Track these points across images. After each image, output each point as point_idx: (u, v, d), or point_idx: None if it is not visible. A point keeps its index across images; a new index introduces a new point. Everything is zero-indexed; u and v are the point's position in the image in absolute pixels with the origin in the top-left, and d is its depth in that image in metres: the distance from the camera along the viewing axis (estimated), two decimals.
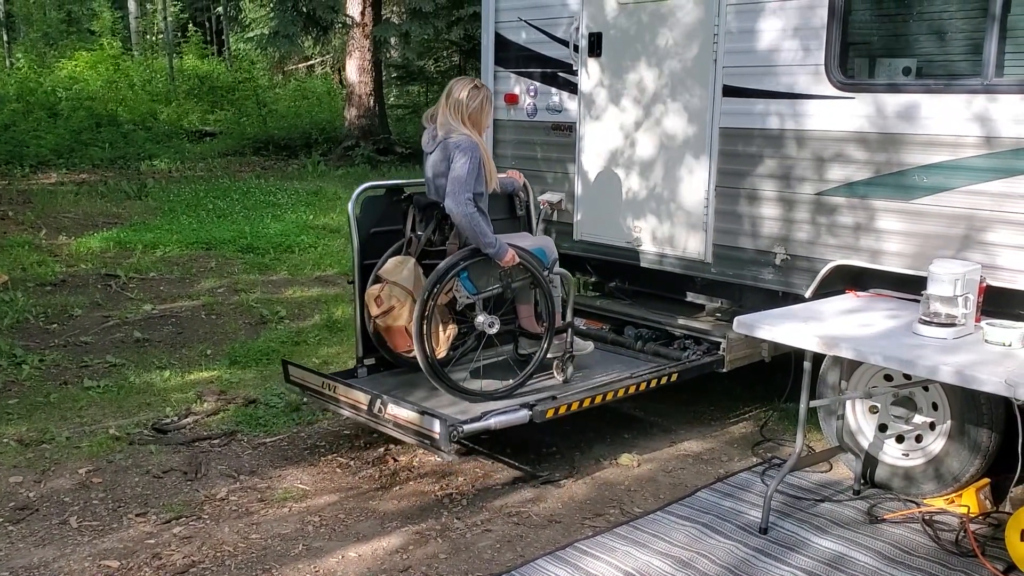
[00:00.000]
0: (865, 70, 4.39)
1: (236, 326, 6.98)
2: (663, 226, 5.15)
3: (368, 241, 4.75)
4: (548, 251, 4.78)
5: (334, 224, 10.79)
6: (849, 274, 4.52)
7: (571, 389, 4.62)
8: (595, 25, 5.30)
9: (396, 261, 4.61)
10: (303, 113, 19.17)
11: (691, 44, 4.90)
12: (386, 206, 4.84)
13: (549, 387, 4.65)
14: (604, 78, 5.30)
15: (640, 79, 5.14)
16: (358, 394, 4.44)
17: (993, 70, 3.86)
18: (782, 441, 4.86)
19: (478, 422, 4.19)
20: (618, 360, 5.12)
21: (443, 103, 4.54)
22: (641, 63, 5.12)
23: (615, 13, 5.20)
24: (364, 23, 15.69)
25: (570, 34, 5.38)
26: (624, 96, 5.23)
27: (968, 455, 3.98)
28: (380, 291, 4.55)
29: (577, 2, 5.35)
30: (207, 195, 12.30)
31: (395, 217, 4.79)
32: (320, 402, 4.74)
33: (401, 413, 4.20)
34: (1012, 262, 3.90)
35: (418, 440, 4.20)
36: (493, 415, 4.25)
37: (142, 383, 5.70)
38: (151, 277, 8.26)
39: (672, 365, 4.87)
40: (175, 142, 16.96)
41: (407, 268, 4.54)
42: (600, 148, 5.39)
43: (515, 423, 4.30)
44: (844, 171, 4.39)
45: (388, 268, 4.59)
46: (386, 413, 4.26)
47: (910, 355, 3.45)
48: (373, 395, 4.35)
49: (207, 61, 23.38)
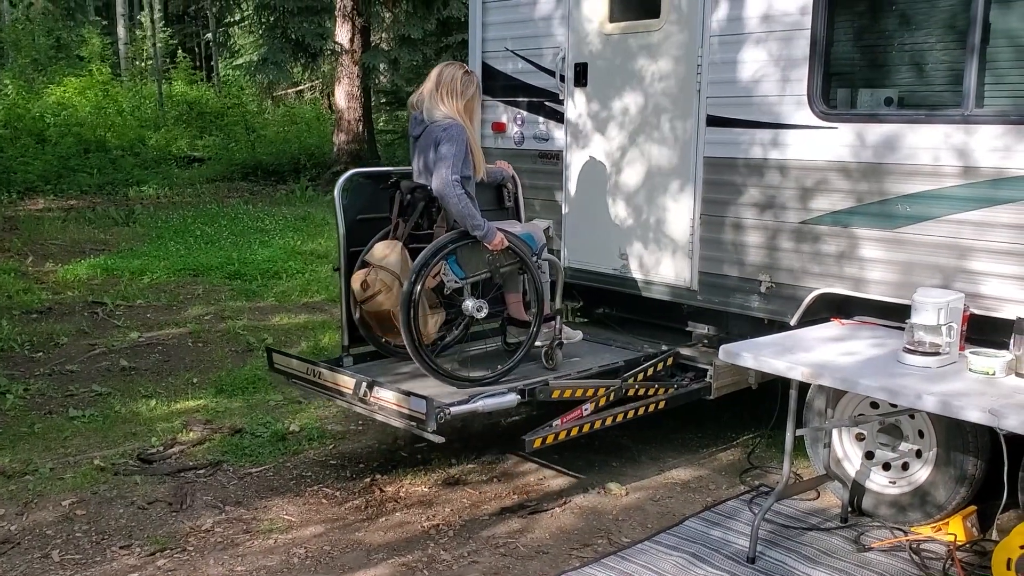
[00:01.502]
0: (847, 100, 4.43)
1: (223, 354, 6.95)
2: (650, 253, 5.17)
3: (354, 228, 4.76)
4: (536, 237, 4.80)
5: (322, 250, 10.79)
6: (833, 302, 4.54)
7: (561, 372, 4.67)
8: (581, 56, 5.34)
9: (383, 246, 4.59)
10: (292, 139, 19.21)
11: (675, 74, 4.94)
12: (372, 193, 4.86)
13: (538, 374, 4.64)
14: (590, 107, 5.34)
15: (626, 108, 5.18)
16: (344, 378, 4.44)
17: (973, 101, 3.91)
18: (770, 468, 4.86)
19: (465, 404, 4.20)
20: (606, 349, 5.17)
21: (431, 87, 4.52)
22: (627, 93, 5.16)
23: (600, 44, 5.25)
24: (353, 50, 15.78)
25: (556, 64, 5.42)
26: (610, 125, 5.27)
27: (954, 483, 3.99)
28: (366, 275, 4.51)
29: (563, 33, 5.40)
30: (195, 221, 12.30)
31: (381, 204, 4.79)
32: (305, 389, 4.74)
33: (387, 395, 4.19)
34: (994, 290, 3.93)
35: (404, 422, 4.17)
36: (481, 398, 4.26)
37: (128, 412, 5.67)
38: (138, 304, 8.24)
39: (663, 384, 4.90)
40: (163, 168, 16.97)
41: (394, 252, 4.51)
42: (587, 176, 5.42)
43: (504, 407, 4.33)
44: (827, 200, 4.42)
45: (375, 253, 4.57)
46: (371, 397, 4.26)
47: (895, 384, 3.46)
48: (359, 379, 4.35)
49: (196, 87, 23.42)
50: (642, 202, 5.17)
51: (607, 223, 5.34)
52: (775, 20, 4.49)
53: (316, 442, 5.25)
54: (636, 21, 5.10)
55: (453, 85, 4.51)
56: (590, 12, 5.26)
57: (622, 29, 5.16)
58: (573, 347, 5.01)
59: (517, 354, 4.62)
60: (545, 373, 4.69)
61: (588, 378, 4.70)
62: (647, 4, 5.04)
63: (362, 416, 5.67)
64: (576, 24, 5.33)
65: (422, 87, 4.62)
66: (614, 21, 5.20)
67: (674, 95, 4.96)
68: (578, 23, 5.33)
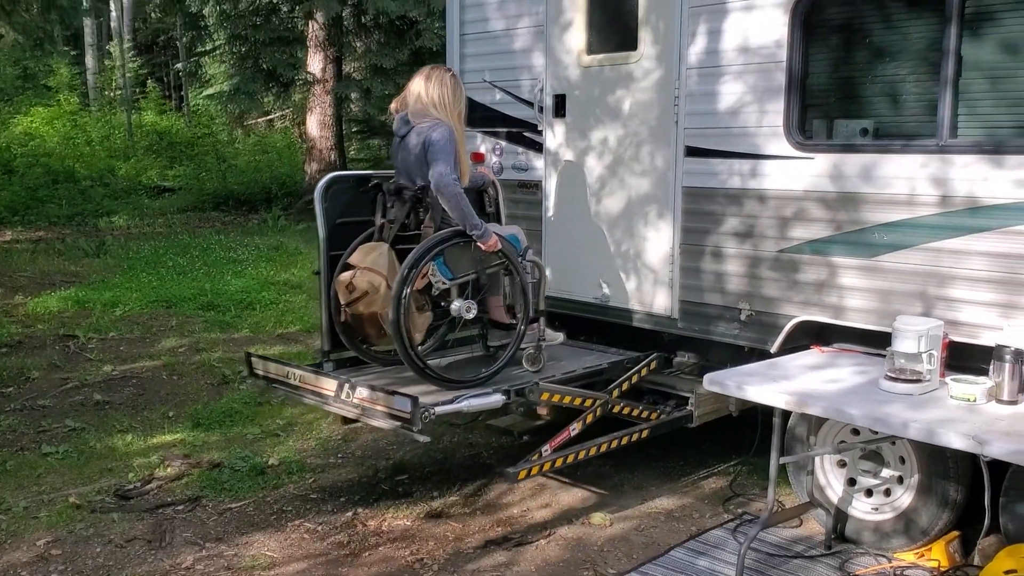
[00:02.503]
0: (823, 131, 4.49)
1: (198, 387, 6.88)
2: (631, 282, 5.20)
3: (335, 231, 4.75)
4: (521, 238, 4.81)
5: (295, 280, 10.72)
6: (813, 329, 4.58)
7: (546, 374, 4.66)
8: (559, 87, 5.39)
9: (367, 247, 4.56)
10: (263, 168, 19.10)
11: (653, 105, 4.99)
12: (352, 197, 4.86)
13: (521, 377, 4.65)
14: (569, 138, 5.38)
15: (605, 139, 5.22)
16: (325, 380, 4.42)
17: (947, 131, 3.99)
18: (752, 496, 4.87)
19: (450, 404, 4.19)
20: (587, 352, 5.20)
21: (420, 89, 4.50)
22: (605, 123, 5.21)
23: (579, 75, 5.30)
24: (325, 79, 15.78)
25: (535, 95, 5.46)
26: (589, 155, 5.30)
27: (936, 508, 4.02)
28: (352, 278, 4.45)
29: (541, 65, 5.44)
30: (167, 252, 12.18)
31: (361, 208, 4.79)
32: (285, 393, 4.71)
33: (371, 396, 4.17)
34: (972, 317, 3.99)
35: (389, 422, 4.14)
36: (465, 398, 4.26)
37: (103, 448, 5.59)
38: (111, 337, 8.13)
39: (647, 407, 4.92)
40: (134, 198, 16.81)
41: (380, 253, 4.48)
42: (567, 206, 5.45)
43: (488, 407, 4.34)
44: (805, 229, 4.48)
45: (359, 255, 4.53)
46: (354, 397, 4.24)
47: (880, 412, 3.50)
48: (341, 380, 4.33)
49: (166, 116, 23.30)
50: (622, 232, 5.20)
51: (587, 252, 5.37)
52: (751, 53, 4.56)
53: (296, 475, 5.20)
54: (614, 53, 5.15)
55: (443, 88, 4.50)
56: (568, 44, 5.31)
57: (600, 61, 5.21)
58: (554, 349, 5.03)
59: (506, 354, 4.61)
60: (527, 375, 4.69)
61: (574, 380, 4.73)
62: (624, 37, 5.10)
63: (341, 448, 5.66)
64: (554, 56, 5.38)
65: (407, 89, 4.61)
66: (592, 53, 5.25)
67: (652, 126, 5.01)
68: (556, 55, 5.37)
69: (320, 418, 6.13)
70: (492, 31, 5.69)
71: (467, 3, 5.82)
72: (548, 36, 5.39)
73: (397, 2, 13.88)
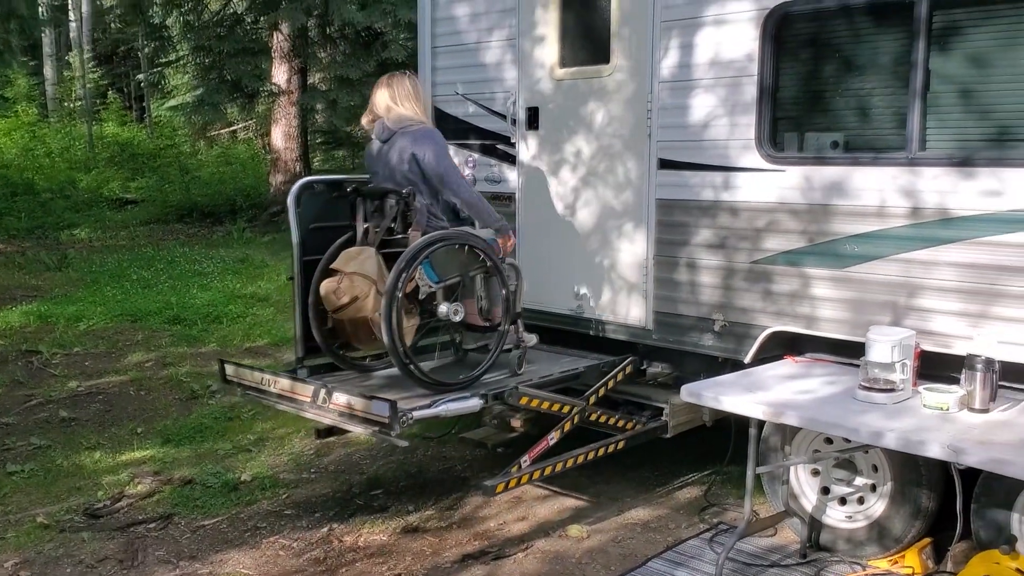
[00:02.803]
0: (795, 144, 4.55)
1: (167, 402, 6.79)
2: (605, 294, 5.22)
3: (307, 237, 4.74)
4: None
5: (262, 292, 10.63)
6: (786, 339, 4.63)
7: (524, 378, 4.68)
8: (532, 100, 5.40)
9: (352, 252, 4.53)
10: (227, 179, 18.92)
11: (626, 118, 5.03)
12: (325, 202, 4.86)
13: (500, 381, 4.64)
14: (542, 150, 5.40)
15: (578, 151, 5.25)
16: (301, 386, 4.39)
17: (917, 144, 4.06)
18: (727, 506, 4.90)
19: (428, 408, 4.18)
20: (563, 356, 5.23)
21: (387, 98, 4.69)
22: (579, 136, 5.23)
23: (551, 88, 5.32)
24: (290, 91, 15.69)
25: (508, 108, 5.47)
26: (563, 168, 5.32)
27: (910, 516, 4.08)
28: (339, 283, 4.42)
29: (513, 78, 5.46)
30: (131, 265, 12.03)
31: (335, 213, 4.79)
32: (259, 400, 4.67)
33: (348, 401, 4.14)
34: (943, 327, 4.05)
35: (366, 427, 4.13)
36: (443, 402, 4.25)
37: (71, 465, 5.49)
38: (75, 352, 8.00)
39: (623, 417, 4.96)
40: (96, 211, 16.58)
41: (368, 258, 4.46)
42: (540, 218, 5.46)
43: (466, 411, 4.36)
44: (778, 240, 4.53)
45: (343, 260, 4.50)
46: (331, 403, 4.21)
47: (856, 422, 3.54)
48: (317, 385, 4.30)
49: (127, 128, 23.02)
50: (596, 243, 5.23)
51: (561, 264, 5.38)
52: (723, 66, 4.61)
53: (269, 491, 5.15)
54: (586, 67, 5.18)
55: (410, 90, 4.73)
56: (541, 58, 5.34)
57: (572, 74, 5.24)
58: (529, 354, 5.04)
59: (491, 355, 4.62)
60: (504, 380, 4.68)
61: (552, 383, 4.74)
62: (597, 50, 5.13)
63: (314, 463, 5.62)
64: (527, 69, 5.40)
65: (374, 101, 4.77)
66: (565, 66, 5.28)
67: (626, 138, 5.04)
68: (529, 68, 5.39)
69: (292, 432, 6.08)
70: (464, 44, 5.70)
71: (438, 16, 5.83)
72: (520, 49, 5.41)
73: (363, 13, 13.84)
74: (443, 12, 5.79)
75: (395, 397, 4.19)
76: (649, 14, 4.85)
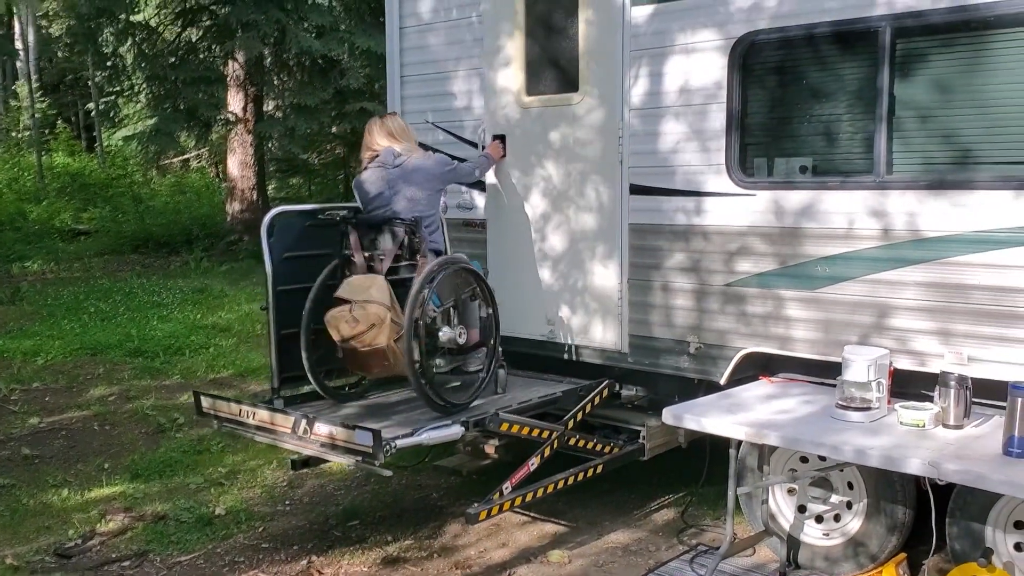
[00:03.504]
0: (764, 169, 4.65)
1: (133, 436, 6.68)
2: (579, 318, 5.25)
3: (280, 266, 4.74)
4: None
5: (224, 323, 10.51)
6: (760, 360, 4.70)
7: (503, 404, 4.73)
8: (500, 127, 5.43)
9: (360, 281, 4.53)
10: (182, 209, 18.71)
11: (597, 144, 5.09)
12: (299, 231, 4.89)
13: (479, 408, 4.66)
14: (513, 177, 5.42)
15: (548, 177, 5.29)
16: (281, 417, 4.34)
17: (884, 168, 4.17)
18: (704, 527, 4.94)
19: (410, 437, 4.18)
20: (538, 382, 5.26)
21: (385, 138, 4.91)
22: (549, 162, 5.28)
23: (518, 116, 5.34)
24: (246, 119, 15.61)
25: (478, 135, 5.51)
26: (533, 194, 5.36)
27: (886, 531, 4.15)
28: (351, 312, 4.39)
29: (481, 106, 5.50)
30: (87, 297, 11.81)
31: (309, 242, 4.84)
32: (237, 432, 4.64)
33: (330, 431, 4.11)
34: (914, 345, 4.15)
35: (349, 457, 4.11)
36: (425, 430, 4.25)
37: (38, 504, 5.37)
38: (35, 388, 7.83)
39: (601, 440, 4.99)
40: (47, 242, 16.27)
41: (380, 286, 4.45)
42: (513, 244, 5.48)
43: (448, 439, 4.38)
44: (750, 263, 4.61)
45: (353, 288, 4.48)
46: (312, 433, 4.17)
47: (836, 441, 3.60)
48: (298, 416, 4.26)
49: (77, 158, 22.68)
50: (570, 268, 5.27)
51: (534, 289, 5.41)
52: (692, 94, 4.70)
53: (244, 524, 5.08)
54: (554, 95, 5.22)
55: (403, 130, 4.99)
56: (507, 85, 5.36)
57: (541, 102, 5.27)
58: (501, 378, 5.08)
59: (489, 376, 4.70)
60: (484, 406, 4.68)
61: (530, 409, 4.77)
62: (564, 78, 5.18)
63: (288, 495, 5.56)
64: (493, 96, 5.42)
65: (372, 142, 4.96)
66: (532, 95, 5.30)
67: (597, 165, 5.10)
68: (495, 96, 5.41)
69: (263, 464, 6.01)
70: (433, 73, 5.74)
71: (407, 45, 5.86)
72: (486, 77, 5.43)
73: (320, 41, 13.84)
74: (411, 42, 5.82)
75: (376, 426, 4.18)
76: (618, 44, 4.93)
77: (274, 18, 13.44)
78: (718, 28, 4.58)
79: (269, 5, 13.52)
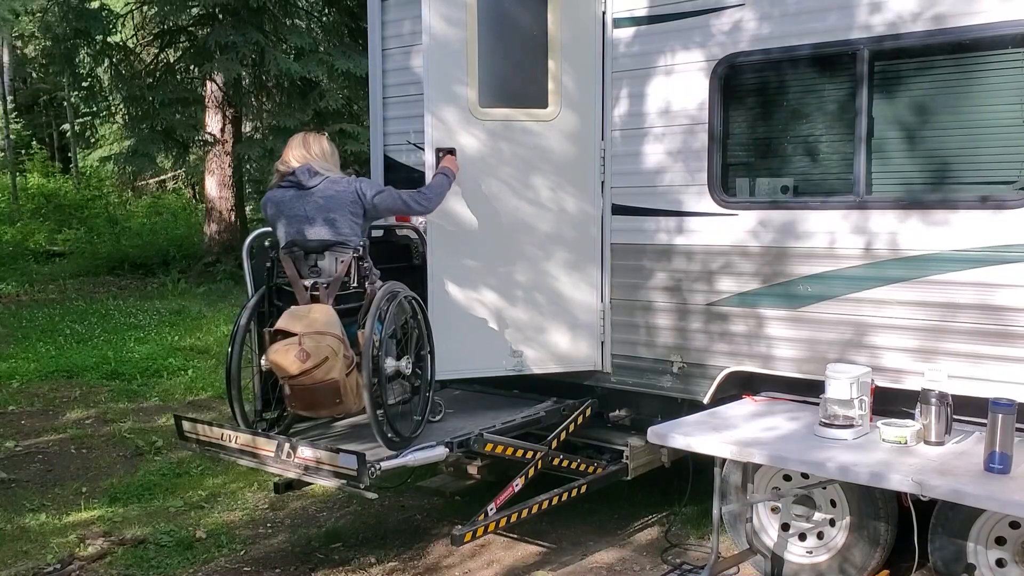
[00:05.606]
0: (746, 189, 4.69)
1: (111, 459, 6.60)
2: (560, 338, 5.24)
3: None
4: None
5: (202, 345, 10.44)
6: (743, 379, 4.73)
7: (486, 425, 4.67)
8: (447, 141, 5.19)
9: (302, 311, 4.17)
10: (158, 230, 18.64)
11: (579, 165, 5.08)
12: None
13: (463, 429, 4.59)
14: (462, 195, 5.25)
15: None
16: (264, 440, 4.28)
17: (864, 187, 4.22)
18: (688, 546, 4.94)
19: (395, 459, 4.15)
20: (520, 402, 5.16)
21: (308, 155, 4.51)
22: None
23: (472, 128, 5.18)
24: (225, 140, 15.58)
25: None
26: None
27: (868, 548, 4.17)
28: (300, 346, 4.01)
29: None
30: (63, 319, 11.71)
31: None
32: (218, 455, 4.56)
33: (314, 454, 4.06)
34: (895, 363, 4.19)
35: (334, 480, 4.04)
36: (410, 452, 4.21)
37: (15, 529, 5.29)
38: (10, 411, 7.74)
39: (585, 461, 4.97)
40: (21, 264, 16.15)
41: (329, 316, 4.12)
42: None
43: (433, 460, 4.35)
44: (732, 282, 4.64)
45: (294, 320, 4.11)
46: (296, 457, 4.11)
47: (821, 458, 3.63)
48: (281, 439, 4.21)
49: (52, 179, 22.53)
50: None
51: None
52: (675, 115, 4.75)
53: (226, 548, 5.03)
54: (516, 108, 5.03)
55: (330, 155, 4.62)
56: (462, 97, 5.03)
57: (503, 116, 5.04)
58: (484, 402, 5.05)
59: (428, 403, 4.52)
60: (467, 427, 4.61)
61: (514, 429, 4.74)
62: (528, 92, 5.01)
63: (269, 517, 5.51)
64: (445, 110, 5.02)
65: (292, 153, 4.54)
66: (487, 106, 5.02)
67: (579, 184, 5.09)
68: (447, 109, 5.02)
69: (244, 487, 5.96)
70: (416, 94, 5.73)
71: (389, 67, 5.87)
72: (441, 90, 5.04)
73: (299, 63, 13.85)
74: (394, 63, 5.84)
75: (359, 448, 4.16)
76: (597, 63, 4.95)
77: (253, 40, 13.44)
78: (700, 49, 4.63)
79: (248, 27, 13.53)
